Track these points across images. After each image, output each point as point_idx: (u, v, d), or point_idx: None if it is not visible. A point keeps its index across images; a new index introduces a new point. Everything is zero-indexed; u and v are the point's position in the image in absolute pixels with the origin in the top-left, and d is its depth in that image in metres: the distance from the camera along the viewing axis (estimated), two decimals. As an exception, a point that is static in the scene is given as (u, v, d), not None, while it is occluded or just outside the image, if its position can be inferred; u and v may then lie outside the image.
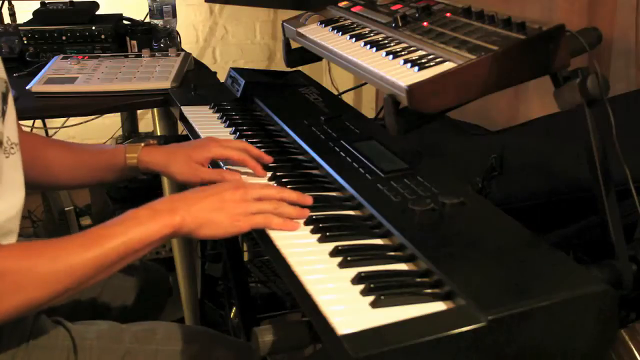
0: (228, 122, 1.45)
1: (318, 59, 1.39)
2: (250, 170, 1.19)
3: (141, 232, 0.93)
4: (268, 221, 1.00)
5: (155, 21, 2.05)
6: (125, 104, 1.73)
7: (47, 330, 1.09)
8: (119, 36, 2.08)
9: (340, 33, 1.27)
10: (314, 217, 1.01)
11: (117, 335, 1.13)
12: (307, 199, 1.05)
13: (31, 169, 1.11)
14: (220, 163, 1.24)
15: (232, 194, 1.02)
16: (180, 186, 1.24)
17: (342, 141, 1.24)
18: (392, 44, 1.14)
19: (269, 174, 1.18)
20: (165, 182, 1.82)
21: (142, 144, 1.25)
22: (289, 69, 1.55)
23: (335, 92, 1.71)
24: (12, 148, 1.03)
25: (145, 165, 1.24)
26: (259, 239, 1.01)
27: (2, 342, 1.02)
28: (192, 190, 1.05)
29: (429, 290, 0.81)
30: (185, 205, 0.98)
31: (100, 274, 0.91)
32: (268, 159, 1.22)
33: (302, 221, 1.01)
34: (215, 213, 0.99)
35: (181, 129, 1.71)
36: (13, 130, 1.04)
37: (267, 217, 1.01)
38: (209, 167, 1.22)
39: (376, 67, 1.06)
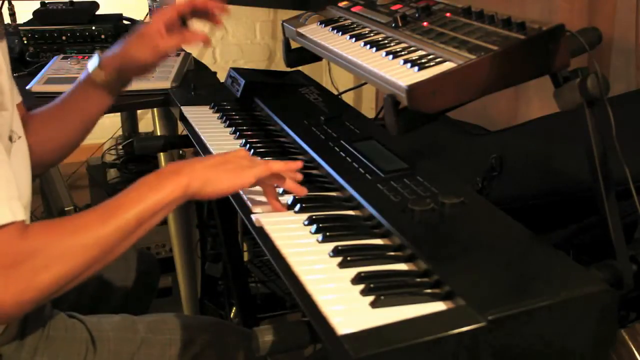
0: (228, 122, 1.45)
1: (318, 59, 1.39)
2: None
3: (155, 196, 0.95)
4: (270, 167, 1.04)
5: (155, 21, 2.05)
6: (125, 104, 1.73)
7: (64, 323, 1.13)
8: (119, 36, 2.07)
9: (340, 33, 1.27)
10: (314, 217, 1.01)
11: (131, 326, 1.17)
12: (298, 171, 1.11)
13: None
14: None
15: (235, 152, 1.06)
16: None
17: (342, 141, 1.24)
18: (392, 44, 1.14)
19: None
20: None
21: (98, 52, 1.27)
22: (289, 69, 1.55)
23: (335, 92, 1.71)
24: (18, 139, 1.06)
25: (108, 64, 1.25)
26: (259, 238, 1.01)
27: (24, 336, 1.06)
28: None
29: (428, 290, 0.81)
30: (189, 165, 1.01)
31: (123, 242, 0.93)
32: None
33: (301, 221, 1.01)
34: (218, 169, 1.01)
35: (181, 129, 1.71)
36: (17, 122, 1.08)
37: (269, 167, 1.04)
38: None
39: (376, 67, 1.06)
